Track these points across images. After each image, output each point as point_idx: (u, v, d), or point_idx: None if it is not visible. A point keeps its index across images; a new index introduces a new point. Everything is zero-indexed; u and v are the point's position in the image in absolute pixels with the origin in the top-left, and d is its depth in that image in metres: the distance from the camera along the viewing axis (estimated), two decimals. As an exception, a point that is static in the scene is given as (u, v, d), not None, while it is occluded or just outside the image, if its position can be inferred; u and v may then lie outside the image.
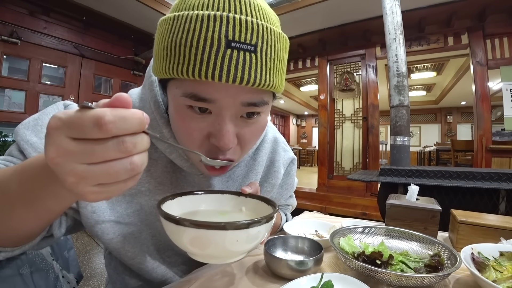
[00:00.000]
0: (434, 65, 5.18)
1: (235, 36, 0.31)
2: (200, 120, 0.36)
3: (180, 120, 0.38)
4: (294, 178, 0.71)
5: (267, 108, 0.40)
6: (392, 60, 1.96)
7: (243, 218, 0.32)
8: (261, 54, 0.33)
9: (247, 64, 0.32)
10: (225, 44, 0.31)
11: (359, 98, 3.72)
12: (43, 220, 0.34)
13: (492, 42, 2.96)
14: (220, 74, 0.31)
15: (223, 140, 0.36)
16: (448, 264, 0.45)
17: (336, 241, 0.53)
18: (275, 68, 0.35)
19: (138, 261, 0.49)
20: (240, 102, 0.35)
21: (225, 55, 0.31)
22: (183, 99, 0.35)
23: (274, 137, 0.64)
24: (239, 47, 0.31)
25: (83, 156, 0.21)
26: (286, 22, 3.46)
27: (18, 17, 2.99)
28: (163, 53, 0.34)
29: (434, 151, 5.72)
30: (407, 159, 1.93)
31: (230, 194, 0.45)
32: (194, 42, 0.31)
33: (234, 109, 0.36)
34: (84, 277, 1.79)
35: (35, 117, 0.43)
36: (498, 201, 1.31)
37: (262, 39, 0.33)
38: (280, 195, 0.69)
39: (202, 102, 0.35)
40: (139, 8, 3.28)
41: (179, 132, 0.40)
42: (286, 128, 12.03)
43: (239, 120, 0.38)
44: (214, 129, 0.36)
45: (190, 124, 0.37)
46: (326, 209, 3.29)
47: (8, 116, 3.04)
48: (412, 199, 0.69)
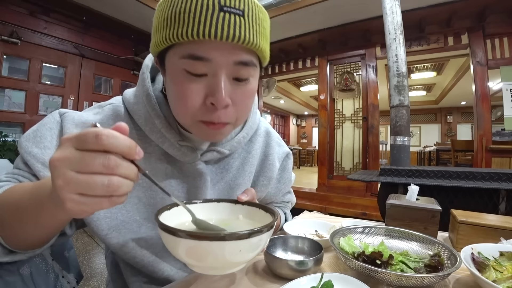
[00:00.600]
0: (434, 65, 5.18)
1: (226, 2, 0.36)
2: (197, 82, 0.40)
3: (178, 85, 0.40)
4: (291, 173, 0.71)
5: (255, 72, 0.43)
6: (392, 60, 1.96)
7: (241, 227, 0.32)
8: (248, 18, 0.38)
9: (237, 24, 0.37)
10: (218, 8, 0.36)
11: (359, 98, 3.72)
12: (49, 232, 0.38)
13: (492, 42, 2.96)
14: (216, 32, 0.35)
15: (219, 96, 0.39)
16: (448, 264, 0.45)
17: (336, 241, 0.53)
18: (260, 32, 0.40)
19: (137, 256, 0.49)
20: (233, 61, 0.39)
21: (218, 17, 0.36)
22: (182, 62, 0.39)
23: (266, 130, 0.65)
24: (230, 10, 0.36)
25: (75, 164, 0.25)
26: (286, 22, 3.46)
27: (18, 17, 2.99)
28: (163, 24, 0.38)
29: (434, 151, 5.72)
30: (407, 159, 1.93)
31: (227, 202, 0.45)
32: (192, 8, 0.36)
33: (227, 68, 0.39)
34: (84, 277, 1.79)
35: (34, 129, 0.46)
36: (498, 201, 1.31)
37: (248, 6, 0.38)
38: (278, 190, 0.69)
39: (199, 61, 0.38)
40: (139, 8, 3.28)
41: (177, 101, 0.42)
42: (286, 128, 12.03)
43: (232, 82, 0.41)
44: (210, 89, 0.40)
45: (188, 87, 0.40)
46: (326, 209, 3.29)
47: (8, 116, 3.04)
48: (412, 199, 0.69)
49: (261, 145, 0.62)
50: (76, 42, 3.47)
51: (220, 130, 0.43)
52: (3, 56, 2.92)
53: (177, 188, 0.51)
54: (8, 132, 3.02)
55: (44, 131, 0.45)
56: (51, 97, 3.38)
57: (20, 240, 0.38)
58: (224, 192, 0.56)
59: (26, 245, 0.39)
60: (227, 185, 0.56)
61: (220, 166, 0.56)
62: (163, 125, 0.47)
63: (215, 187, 0.55)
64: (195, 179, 0.52)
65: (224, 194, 0.56)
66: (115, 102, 0.53)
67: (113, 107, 0.51)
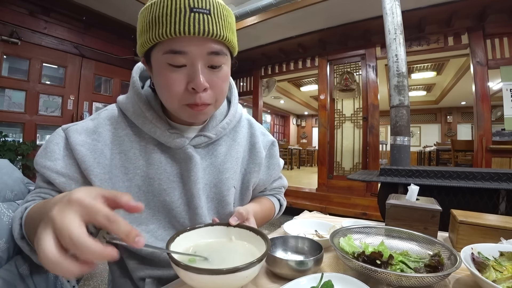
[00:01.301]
0: (434, 65, 5.18)
1: (195, 4, 0.44)
2: (179, 72, 0.47)
3: (163, 77, 0.48)
4: (278, 159, 0.76)
5: (226, 60, 0.51)
6: (392, 60, 1.96)
7: (235, 248, 0.44)
8: (214, 15, 0.46)
9: (206, 21, 0.45)
10: (189, 10, 0.44)
11: (359, 98, 3.72)
12: None
13: (492, 42, 2.96)
14: (189, 29, 0.43)
15: (198, 81, 0.46)
16: (448, 264, 0.45)
17: (336, 241, 0.53)
18: (226, 27, 0.48)
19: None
20: (206, 52, 0.47)
21: (190, 17, 0.44)
22: (164, 57, 0.46)
23: (249, 120, 0.72)
24: (198, 11, 0.44)
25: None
26: (286, 22, 3.47)
27: (18, 17, 2.99)
28: (146, 28, 0.46)
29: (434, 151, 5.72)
30: (407, 159, 1.93)
31: (221, 226, 0.51)
32: (168, 12, 0.44)
33: (202, 58, 0.47)
34: (84, 277, 1.79)
35: (44, 147, 0.52)
36: (498, 201, 1.31)
37: (213, 6, 0.46)
38: (269, 176, 0.72)
39: (179, 55, 0.45)
40: (139, 8, 3.23)
41: (163, 90, 0.49)
42: (286, 128, 12.03)
43: (208, 70, 0.48)
44: (190, 77, 0.47)
45: (172, 77, 0.47)
46: (326, 209, 3.29)
47: (8, 116, 3.04)
48: (412, 199, 0.69)
49: (245, 135, 0.69)
50: (76, 42, 3.46)
51: (202, 110, 0.50)
52: (3, 56, 2.91)
53: (171, 173, 0.56)
54: (8, 132, 3.01)
55: (52, 147, 0.51)
56: (51, 97, 3.38)
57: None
58: (214, 175, 0.60)
59: None
60: (216, 169, 0.61)
61: (209, 151, 0.61)
62: (154, 117, 0.55)
63: (205, 170, 0.59)
64: (186, 163, 0.56)
65: (214, 177, 0.60)
66: (110, 108, 0.59)
67: (108, 112, 0.58)
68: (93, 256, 0.26)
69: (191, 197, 0.56)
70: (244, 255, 0.44)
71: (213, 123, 0.60)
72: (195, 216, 0.57)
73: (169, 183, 0.55)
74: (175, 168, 0.57)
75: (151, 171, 0.54)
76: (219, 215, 0.61)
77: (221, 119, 0.63)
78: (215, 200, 0.61)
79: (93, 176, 0.50)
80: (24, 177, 0.63)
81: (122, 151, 0.54)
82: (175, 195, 0.56)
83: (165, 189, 0.55)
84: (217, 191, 0.60)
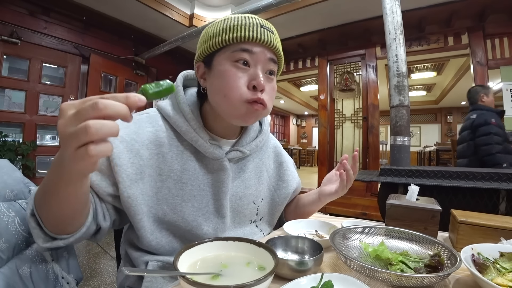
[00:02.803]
0: (434, 65, 5.18)
1: (264, 24, 0.57)
2: (243, 71, 0.55)
3: (227, 75, 0.54)
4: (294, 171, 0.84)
5: (277, 73, 0.61)
6: (392, 60, 1.96)
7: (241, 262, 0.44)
8: (274, 35, 0.58)
9: (270, 36, 0.56)
10: (260, 26, 0.56)
11: (359, 98, 3.72)
12: (73, 207, 0.43)
13: (492, 42, 2.96)
14: (259, 37, 0.54)
15: (259, 80, 0.54)
16: (448, 264, 0.45)
17: (336, 241, 0.53)
18: (280, 46, 0.60)
19: (155, 240, 0.56)
20: (267, 57, 0.56)
21: (260, 30, 0.55)
22: (232, 55, 0.54)
23: (273, 140, 0.80)
24: (266, 28, 0.56)
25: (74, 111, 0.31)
26: (286, 22, 3.46)
27: (18, 17, 2.99)
28: (218, 33, 0.55)
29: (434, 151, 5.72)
30: (407, 159, 1.93)
31: (227, 241, 0.49)
32: (243, 23, 0.55)
33: (263, 62, 0.56)
34: (84, 277, 1.79)
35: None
36: (498, 201, 1.31)
37: (274, 30, 0.59)
38: (295, 180, 0.80)
39: (247, 53, 0.54)
40: (139, 8, 3.28)
41: (228, 85, 0.54)
42: (286, 128, 12.02)
43: (265, 75, 0.57)
44: (253, 76, 0.55)
45: (237, 74, 0.54)
46: (326, 209, 3.29)
47: (8, 116, 3.04)
48: (412, 199, 0.69)
49: (271, 155, 0.76)
50: (76, 42, 3.46)
51: (258, 110, 0.55)
52: (3, 56, 2.91)
53: (203, 182, 0.59)
54: (8, 132, 3.01)
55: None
56: (51, 97, 3.38)
57: (52, 219, 0.44)
58: (240, 189, 0.64)
59: (61, 226, 0.46)
60: (243, 184, 0.65)
61: (238, 166, 0.65)
62: (197, 126, 0.59)
63: (233, 183, 0.63)
64: (219, 174, 0.60)
65: (240, 191, 0.64)
66: (151, 113, 0.62)
67: (149, 115, 0.61)
68: (123, 98, 0.30)
69: (220, 207, 0.60)
70: (253, 271, 0.44)
71: (246, 139, 0.66)
72: (221, 226, 0.60)
73: (199, 191, 0.58)
74: (206, 177, 0.60)
75: (184, 176, 0.58)
76: (236, 226, 0.66)
77: (254, 136, 0.68)
78: (235, 212, 0.64)
79: (124, 175, 0.51)
80: (24, 177, 0.62)
81: (161, 152, 0.56)
82: (203, 203, 0.59)
83: (195, 196, 0.58)
84: (240, 203, 0.64)
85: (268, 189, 0.73)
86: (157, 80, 0.36)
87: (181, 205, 0.57)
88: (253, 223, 0.70)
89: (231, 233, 0.64)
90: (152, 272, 0.54)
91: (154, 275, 0.55)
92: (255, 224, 0.70)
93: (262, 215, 0.72)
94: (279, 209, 0.76)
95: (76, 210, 0.45)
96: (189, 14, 3.63)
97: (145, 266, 0.57)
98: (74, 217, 0.46)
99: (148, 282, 0.55)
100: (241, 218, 0.66)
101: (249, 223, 0.69)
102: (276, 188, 0.75)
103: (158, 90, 0.36)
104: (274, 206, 0.75)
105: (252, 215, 0.69)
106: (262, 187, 0.70)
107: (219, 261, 0.45)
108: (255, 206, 0.69)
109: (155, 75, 4.39)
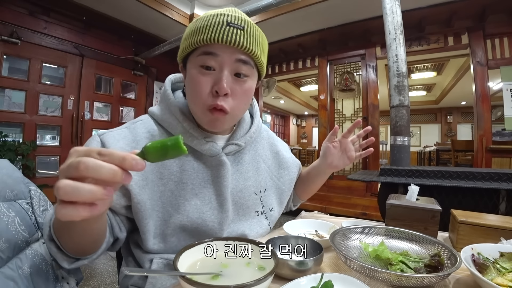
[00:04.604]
0: (434, 65, 5.17)
1: (232, 20, 0.52)
2: (207, 75, 0.53)
3: (194, 79, 0.54)
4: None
5: (252, 74, 0.57)
6: (392, 60, 1.96)
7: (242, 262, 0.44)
8: (247, 31, 0.53)
9: (238, 34, 0.52)
10: (226, 24, 0.52)
11: (359, 98, 3.72)
12: (89, 239, 0.44)
13: (492, 42, 2.96)
14: (223, 38, 0.51)
15: (221, 84, 0.52)
16: (448, 264, 0.45)
17: (336, 241, 0.53)
18: (255, 44, 0.54)
19: (158, 244, 0.57)
20: (234, 59, 0.53)
21: (225, 29, 0.51)
22: (198, 59, 0.53)
23: (266, 130, 0.80)
24: (234, 26, 0.52)
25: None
26: (286, 22, 3.46)
27: (18, 17, 2.98)
28: (189, 35, 0.54)
29: (434, 151, 5.72)
30: (407, 159, 1.93)
31: (228, 241, 0.50)
32: (209, 24, 0.52)
33: (230, 65, 0.53)
34: (84, 277, 1.79)
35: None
36: (498, 201, 1.31)
37: (247, 25, 0.54)
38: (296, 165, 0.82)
39: (211, 56, 0.52)
40: (139, 8, 3.28)
41: (193, 92, 0.55)
42: (286, 128, 12.02)
43: (233, 78, 0.54)
44: (215, 80, 0.53)
45: (201, 79, 0.53)
46: (326, 209, 3.29)
47: (8, 116, 3.03)
48: (412, 199, 0.69)
49: (266, 145, 0.75)
50: (76, 42, 3.46)
51: (219, 117, 0.54)
52: (3, 56, 2.91)
53: (203, 179, 0.60)
54: (8, 132, 3.01)
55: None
56: (51, 97, 3.37)
57: (73, 246, 0.45)
58: (239, 181, 0.65)
59: (83, 251, 0.46)
60: (242, 176, 0.66)
61: (235, 159, 0.66)
62: (191, 126, 0.59)
63: (233, 176, 0.64)
64: (219, 169, 0.60)
65: (240, 183, 0.65)
66: (144, 119, 0.63)
67: (144, 122, 0.62)
68: (118, 160, 0.28)
69: (223, 201, 0.60)
70: (253, 271, 0.44)
71: (240, 132, 0.66)
72: (225, 219, 0.60)
73: (201, 188, 0.59)
74: (206, 174, 0.60)
75: (184, 176, 0.58)
76: (241, 219, 0.66)
77: (247, 129, 0.69)
78: (238, 204, 0.65)
79: (132, 182, 0.52)
80: (24, 177, 0.62)
81: None
82: (206, 200, 0.59)
83: (197, 194, 0.59)
84: (241, 195, 0.65)
85: (270, 179, 0.73)
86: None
87: (184, 205, 0.57)
88: (261, 214, 0.70)
89: (236, 225, 0.64)
90: (152, 272, 0.54)
91: (155, 275, 0.55)
92: (264, 216, 0.70)
93: (271, 205, 0.72)
94: (287, 195, 0.77)
95: (95, 239, 0.46)
96: (189, 14, 3.63)
97: (150, 263, 0.57)
98: (94, 243, 0.47)
99: (153, 278, 0.55)
100: (244, 210, 0.66)
101: (256, 215, 0.69)
102: (278, 177, 0.76)
103: (162, 149, 0.30)
104: (281, 194, 0.75)
105: (256, 206, 0.69)
106: (262, 178, 0.70)
107: (219, 261, 0.45)
108: (257, 197, 0.69)
109: (154, 75, 4.39)
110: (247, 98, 0.58)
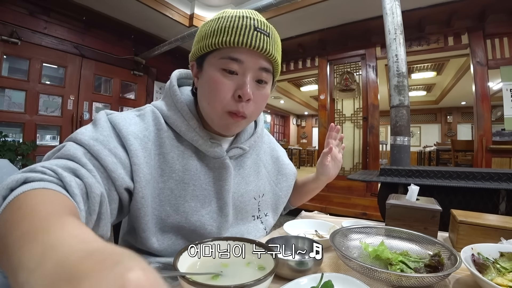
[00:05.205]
0: (434, 65, 5.17)
1: (258, 25, 0.52)
2: (230, 78, 0.52)
3: (215, 80, 0.52)
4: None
5: (270, 80, 0.57)
6: (392, 60, 1.96)
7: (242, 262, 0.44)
8: (271, 38, 0.53)
9: (265, 41, 0.52)
10: (253, 28, 0.51)
11: (359, 98, 3.72)
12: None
13: (492, 42, 2.96)
14: (250, 43, 0.50)
15: (245, 90, 0.51)
16: (448, 264, 0.45)
17: (336, 241, 0.53)
18: (278, 50, 0.56)
19: (157, 242, 0.55)
20: (258, 66, 0.53)
21: (253, 34, 0.51)
22: (220, 62, 0.51)
23: (268, 135, 0.81)
24: (260, 31, 0.52)
25: None
26: (286, 22, 3.46)
27: (18, 17, 2.99)
28: (210, 34, 0.52)
29: (434, 151, 5.72)
30: (407, 159, 1.93)
31: (227, 241, 0.49)
32: (235, 25, 0.51)
33: (253, 71, 0.53)
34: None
35: (92, 124, 0.51)
36: (498, 201, 1.31)
37: (271, 32, 0.54)
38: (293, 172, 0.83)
39: (235, 62, 0.51)
40: (139, 8, 3.28)
41: (211, 93, 0.53)
42: (286, 128, 12.02)
43: (255, 83, 0.54)
44: (239, 85, 0.52)
45: (223, 81, 0.52)
46: (326, 209, 3.29)
47: (8, 116, 3.03)
48: (412, 199, 0.69)
49: (267, 150, 0.76)
50: (76, 42, 3.46)
51: (239, 122, 0.54)
52: (3, 56, 2.91)
53: (205, 181, 0.59)
54: (8, 132, 3.01)
55: (103, 124, 0.50)
56: (51, 97, 3.37)
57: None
58: (241, 185, 0.64)
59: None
60: (244, 180, 0.65)
61: (238, 163, 0.65)
62: (197, 125, 0.58)
63: (234, 180, 0.63)
64: (221, 172, 0.60)
65: (241, 188, 0.64)
66: (150, 109, 0.58)
67: (152, 112, 0.57)
68: None
69: (224, 205, 0.59)
70: (253, 270, 0.44)
71: (244, 136, 0.66)
72: (224, 224, 0.59)
73: (202, 190, 0.58)
74: (208, 176, 0.59)
75: (186, 176, 0.57)
76: (239, 223, 0.65)
77: (251, 132, 0.68)
78: (238, 209, 0.64)
79: (141, 174, 0.49)
80: (24, 177, 0.62)
81: (161, 153, 0.55)
82: (206, 202, 0.58)
83: (198, 195, 0.57)
84: (242, 200, 0.64)
85: (269, 184, 0.73)
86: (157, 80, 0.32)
87: (184, 206, 0.56)
88: (257, 219, 0.70)
89: (234, 230, 0.64)
90: None
91: None
92: (259, 221, 0.70)
93: (266, 210, 0.72)
94: (283, 202, 0.77)
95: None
96: (189, 14, 3.63)
97: None
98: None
99: None
100: (243, 214, 0.66)
101: (253, 219, 0.69)
102: (276, 182, 0.76)
103: None
104: (278, 200, 0.76)
105: (253, 211, 0.69)
106: (261, 182, 0.70)
107: (219, 261, 0.45)
108: (256, 202, 0.69)
109: (154, 75, 4.39)
110: (264, 103, 0.58)
